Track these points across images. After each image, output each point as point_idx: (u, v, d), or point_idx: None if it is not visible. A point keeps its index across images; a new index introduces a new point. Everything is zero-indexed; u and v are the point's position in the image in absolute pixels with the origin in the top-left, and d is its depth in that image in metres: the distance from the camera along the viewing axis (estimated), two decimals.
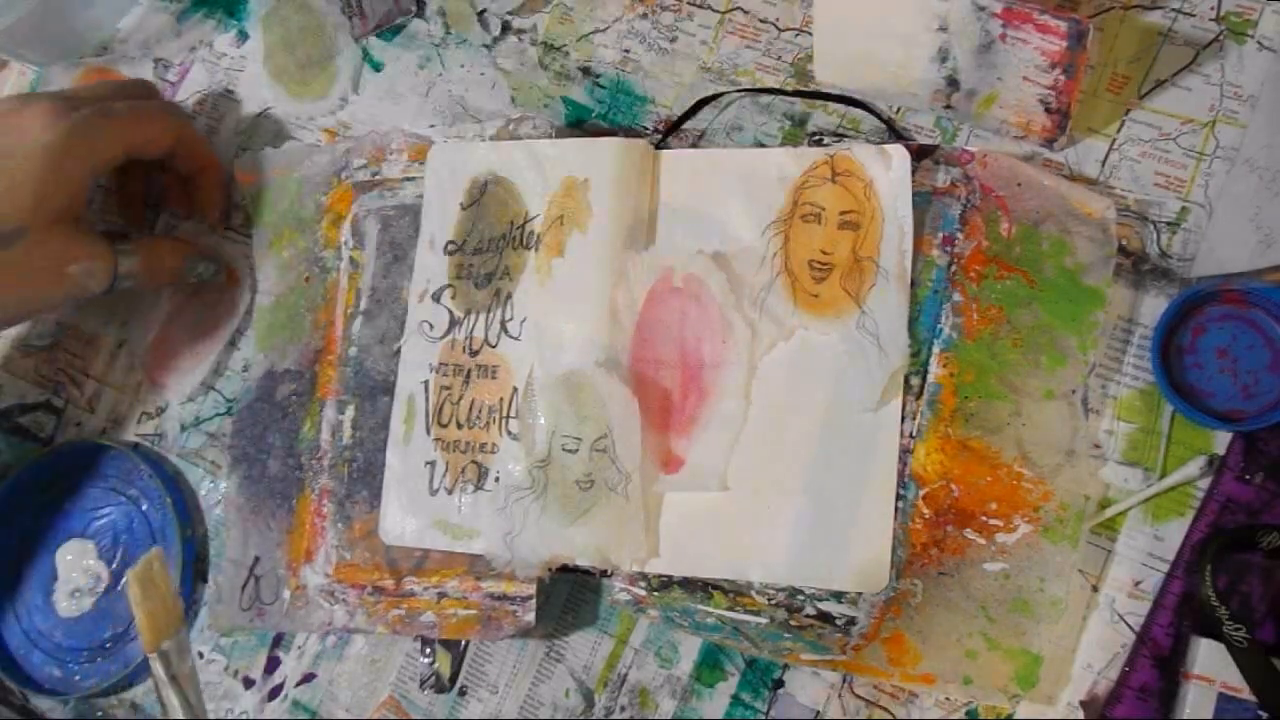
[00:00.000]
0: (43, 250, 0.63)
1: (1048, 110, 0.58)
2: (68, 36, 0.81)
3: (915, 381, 0.58)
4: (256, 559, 0.67)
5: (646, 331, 0.61)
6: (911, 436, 0.58)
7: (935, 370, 0.58)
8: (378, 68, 0.75)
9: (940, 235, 0.60)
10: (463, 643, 0.64)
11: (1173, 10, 0.61)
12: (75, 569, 0.71)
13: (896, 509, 0.57)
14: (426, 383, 0.65)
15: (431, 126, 0.71)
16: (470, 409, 0.63)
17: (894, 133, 0.64)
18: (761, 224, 0.62)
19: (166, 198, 0.76)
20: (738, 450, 0.60)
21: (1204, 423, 0.55)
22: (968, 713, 0.56)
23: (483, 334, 0.64)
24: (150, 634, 0.55)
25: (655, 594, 0.60)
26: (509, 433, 0.62)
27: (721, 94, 0.67)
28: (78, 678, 0.70)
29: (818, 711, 0.59)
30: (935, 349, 0.58)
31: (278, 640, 0.69)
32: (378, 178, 0.70)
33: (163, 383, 0.74)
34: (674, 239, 0.63)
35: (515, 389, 0.63)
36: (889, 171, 0.60)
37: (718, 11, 0.69)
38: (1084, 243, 0.58)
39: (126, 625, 0.70)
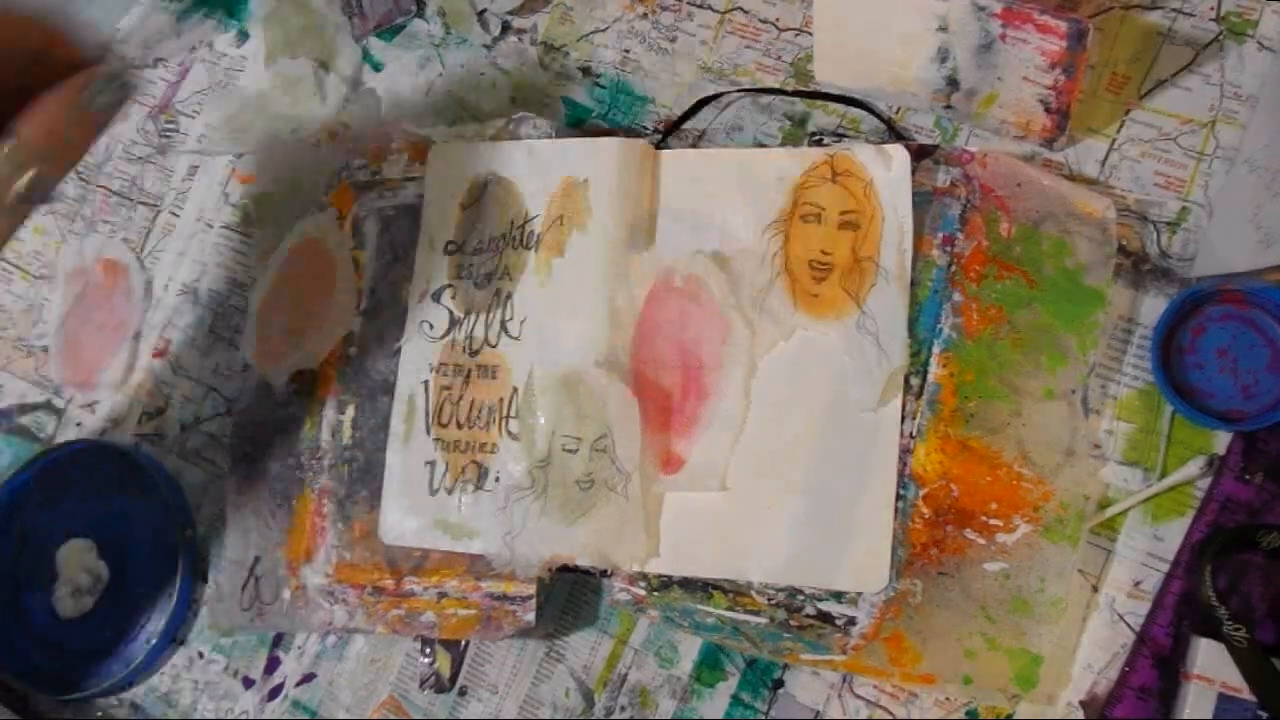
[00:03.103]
0: None
1: (1048, 110, 0.58)
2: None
3: (915, 381, 0.58)
4: (256, 559, 0.67)
5: (646, 331, 0.61)
6: (911, 436, 0.58)
7: (935, 370, 0.58)
8: (378, 68, 0.75)
9: (940, 235, 0.60)
10: (463, 643, 0.64)
11: (1173, 10, 0.61)
12: (75, 569, 0.71)
13: (896, 509, 0.57)
14: (426, 383, 0.65)
15: (432, 126, 0.71)
16: (470, 409, 0.63)
17: (894, 133, 0.63)
18: (761, 224, 0.62)
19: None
20: (738, 450, 0.60)
21: (1204, 423, 0.55)
22: (968, 713, 0.56)
23: (483, 334, 0.64)
24: None
25: (655, 594, 0.60)
26: (509, 433, 0.62)
27: (721, 94, 0.67)
28: (78, 678, 0.70)
29: (818, 711, 0.59)
30: (935, 349, 0.58)
31: (278, 640, 0.69)
32: (378, 178, 0.70)
33: (82, 384, 0.76)
34: (674, 239, 0.63)
35: (515, 389, 0.63)
36: (889, 171, 0.60)
37: (718, 11, 0.69)
38: (1084, 243, 0.58)
39: (127, 625, 0.70)
